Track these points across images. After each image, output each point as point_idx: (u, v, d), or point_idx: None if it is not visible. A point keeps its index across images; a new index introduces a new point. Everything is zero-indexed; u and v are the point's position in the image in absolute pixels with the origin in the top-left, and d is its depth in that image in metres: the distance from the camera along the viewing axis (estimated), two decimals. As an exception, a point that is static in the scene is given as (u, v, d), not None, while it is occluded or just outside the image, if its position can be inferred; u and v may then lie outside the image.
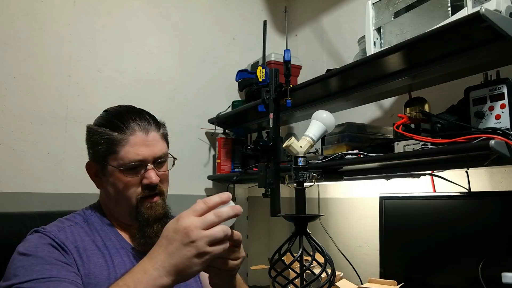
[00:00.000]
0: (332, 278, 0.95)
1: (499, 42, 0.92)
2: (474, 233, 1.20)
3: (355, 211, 1.79)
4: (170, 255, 0.69)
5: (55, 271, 0.79)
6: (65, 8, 1.72)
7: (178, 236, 0.69)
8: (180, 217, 0.71)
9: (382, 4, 1.21)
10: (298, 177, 1.01)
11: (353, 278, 1.58)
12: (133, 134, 0.91)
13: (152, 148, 0.93)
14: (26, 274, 0.77)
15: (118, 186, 0.92)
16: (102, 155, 0.92)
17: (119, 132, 0.91)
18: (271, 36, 2.22)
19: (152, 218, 0.91)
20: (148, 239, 0.90)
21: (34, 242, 0.84)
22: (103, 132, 0.92)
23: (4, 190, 1.53)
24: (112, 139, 0.91)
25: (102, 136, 0.92)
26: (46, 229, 0.87)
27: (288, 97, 1.22)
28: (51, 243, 0.84)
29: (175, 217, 0.73)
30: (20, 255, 0.81)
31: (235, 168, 1.90)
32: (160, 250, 0.70)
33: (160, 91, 1.92)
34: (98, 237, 0.92)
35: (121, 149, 0.90)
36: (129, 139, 0.91)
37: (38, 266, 0.79)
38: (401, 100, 1.42)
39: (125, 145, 0.90)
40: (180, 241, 0.68)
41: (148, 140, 0.92)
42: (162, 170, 0.96)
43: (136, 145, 0.91)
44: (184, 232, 0.68)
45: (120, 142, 0.90)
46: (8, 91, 1.57)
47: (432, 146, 1.01)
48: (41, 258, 0.80)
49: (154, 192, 0.94)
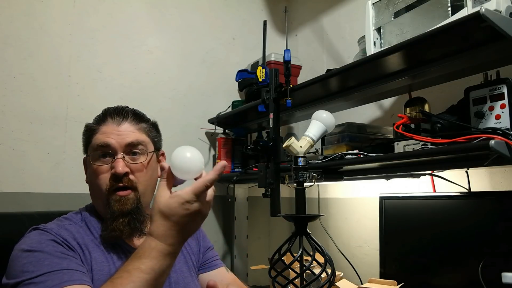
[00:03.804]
0: (332, 278, 0.96)
1: (499, 42, 0.92)
2: (474, 233, 1.20)
3: (355, 211, 1.79)
4: (182, 232, 0.75)
5: (65, 263, 0.79)
6: (65, 8, 1.72)
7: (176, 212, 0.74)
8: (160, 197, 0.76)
9: (382, 4, 1.21)
10: (298, 177, 1.01)
11: (353, 278, 1.58)
12: (105, 124, 0.96)
13: (122, 137, 0.94)
14: (36, 269, 0.76)
15: (91, 176, 0.95)
16: (84, 147, 0.99)
17: (95, 124, 0.98)
18: (271, 36, 2.22)
19: (117, 212, 0.89)
20: (112, 232, 0.89)
21: (36, 239, 0.83)
22: (87, 125, 0.99)
23: (4, 190, 1.53)
24: (89, 130, 0.97)
25: (87, 128, 0.98)
26: (46, 226, 0.87)
27: (288, 97, 1.22)
28: (54, 239, 0.83)
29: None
30: (25, 252, 0.80)
31: (235, 168, 1.90)
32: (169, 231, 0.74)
33: (160, 91, 1.92)
34: (96, 234, 0.92)
35: (93, 138, 0.95)
36: (101, 128, 0.96)
37: (47, 260, 0.78)
38: (401, 100, 1.42)
39: (96, 133, 0.95)
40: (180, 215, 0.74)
41: (119, 130, 0.95)
42: (135, 162, 0.94)
43: (105, 133, 0.94)
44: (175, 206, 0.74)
45: (94, 132, 0.96)
46: (8, 91, 1.57)
47: (432, 146, 1.01)
48: (48, 253, 0.79)
49: (122, 183, 0.91)
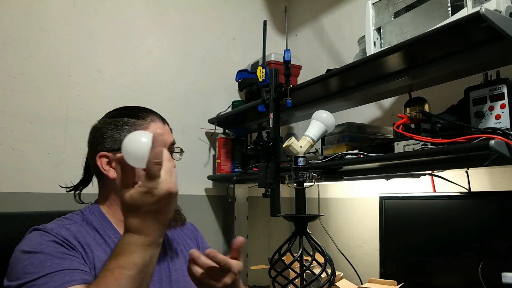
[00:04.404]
0: (332, 278, 0.96)
1: (499, 42, 0.92)
2: (474, 233, 1.20)
3: (355, 211, 1.79)
4: (157, 219, 0.72)
5: (67, 263, 0.78)
6: (65, 8, 1.72)
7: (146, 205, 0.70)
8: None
9: (382, 4, 1.21)
10: (298, 177, 1.01)
11: (353, 278, 1.58)
12: (154, 121, 0.98)
13: (168, 136, 0.99)
14: (38, 271, 0.75)
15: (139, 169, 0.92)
16: (116, 142, 0.95)
17: (141, 119, 0.97)
18: (271, 36, 2.22)
19: None
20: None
21: (37, 240, 0.83)
22: (125, 119, 0.96)
23: (4, 190, 1.53)
24: (135, 123, 0.95)
25: (124, 122, 0.96)
26: (47, 227, 0.87)
27: (288, 97, 1.22)
28: (54, 240, 0.83)
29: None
30: (26, 253, 0.80)
31: (235, 168, 1.90)
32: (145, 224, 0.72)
33: (160, 91, 1.92)
34: (98, 235, 0.91)
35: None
36: (151, 124, 0.97)
37: (48, 261, 0.77)
38: (401, 100, 1.42)
39: (147, 128, 0.95)
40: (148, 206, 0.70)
41: (165, 129, 1.00)
42: (174, 159, 0.98)
43: (157, 130, 0.95)
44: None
45: (143, 126, 0.95)
46: (8, 91, 1.57)
47: (432, 146, 1.01)
48: (49, 254, 0.79)
49: None
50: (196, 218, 1.22)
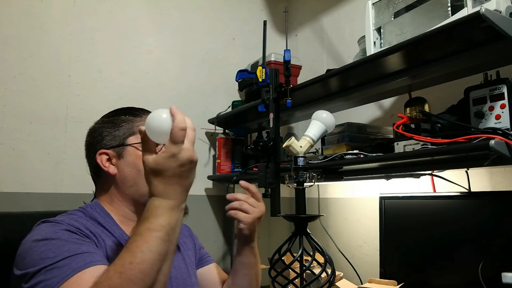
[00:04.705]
0: (332, 278, 0.96)
1: (499, 42, 0.92)
2: (474, 233, 1.20)
3: (355, 211, 1.79)
4: (181, 183, 0.74)
5: (85, 247, 0.78)
6: (65, 8, 1.72)
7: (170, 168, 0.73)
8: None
9: (382, 4, 1.21)
10: (298, 177, 1.01)
11: (353, 278, 1.58)
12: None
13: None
14: (56, 255, 0.74)
15: (138, 164, 0.92)
16: (122, 137, 0.96)
17: (138, 116, 0.98)
18: (271, 36, 2.22)
19: None
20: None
21: (50, 229, 0.81)
22: (122, 117, 0.98)
23: (4, 190, 1.53)
24: (133, 120, 0.97)
25: (122, 120, 0.97)
26: (57, 219, 0.86)
27: (288, 97, 1.22)
28: (67, 228, 0.82)
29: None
30: (40, 241, 0.78)
31: (235, 168, 1.90)
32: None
33: (160, 91, 1.92)
34: (104, 229, 0.91)
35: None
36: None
37: (66, 246, 0.76)
38: (401, 100, 1.42)
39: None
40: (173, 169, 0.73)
41: None
42: None
43: None
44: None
45: (141, 122, 0.96)
46: (8, 91, 1.57)
47: (432, 146, 1.01)
48: (65, 240, 0.78)
49: None
50: (196, 218, 1.23)
